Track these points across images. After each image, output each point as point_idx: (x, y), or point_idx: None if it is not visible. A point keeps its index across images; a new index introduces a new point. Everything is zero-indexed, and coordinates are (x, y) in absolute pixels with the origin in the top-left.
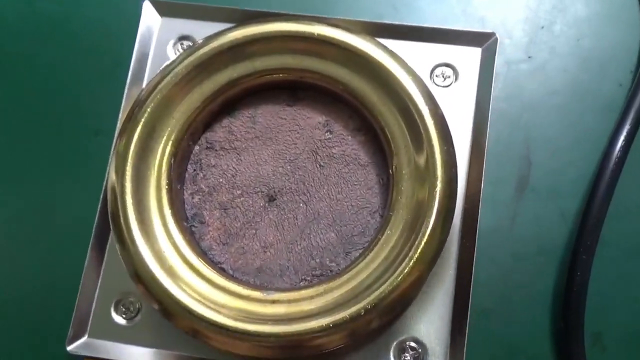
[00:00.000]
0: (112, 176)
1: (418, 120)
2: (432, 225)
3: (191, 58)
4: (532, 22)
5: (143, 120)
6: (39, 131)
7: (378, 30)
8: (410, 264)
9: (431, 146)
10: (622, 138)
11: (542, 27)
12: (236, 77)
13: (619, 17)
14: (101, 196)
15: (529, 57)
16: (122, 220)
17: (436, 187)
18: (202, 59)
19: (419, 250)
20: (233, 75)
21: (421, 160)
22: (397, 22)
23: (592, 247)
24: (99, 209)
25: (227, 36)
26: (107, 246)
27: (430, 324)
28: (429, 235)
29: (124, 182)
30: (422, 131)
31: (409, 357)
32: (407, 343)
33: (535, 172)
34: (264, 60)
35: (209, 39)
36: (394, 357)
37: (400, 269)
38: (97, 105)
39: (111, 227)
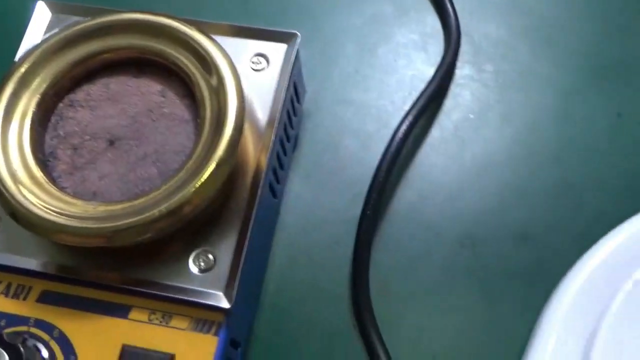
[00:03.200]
0: None
1: (214, 71)
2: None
3: (60, 34)
4: None
5: (17, 74)
6: None
7: (216, 29)
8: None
9: (226, 101)
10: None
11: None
12: (94, 51)
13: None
14: None
15: None
16: None
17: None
18: (68, 36)
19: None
20: (91, 50)
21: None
22: (232, 23)
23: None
24: None
25: (90, 21)
26: None
27: (222, 240)
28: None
29: None
30: (221, 90)
31: (202, 263)
32: (203, 253)
33: (345, 160)
34: (115, 39)
35: (76, 22)
36: (192, 262)
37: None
38: None
39: None
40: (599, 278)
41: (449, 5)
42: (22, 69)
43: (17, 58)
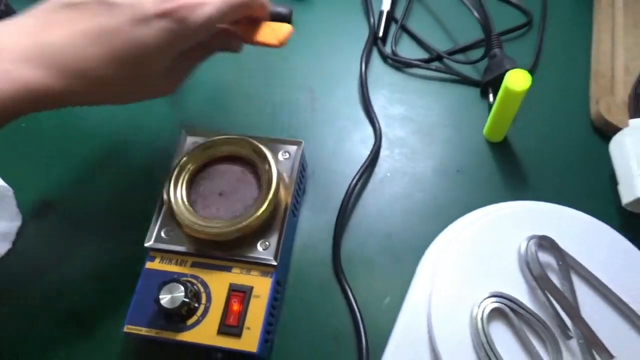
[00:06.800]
0: (165, 186)
1: (268, 165)
2: (265, 206)
3: (199, 147)
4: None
5: (179, 164)
6: (127, 180)
7: (267, 140)
8: (262, 208)
9: (271, 175)
10: (354, 182)
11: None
12: (213, 154)
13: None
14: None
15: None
16: (168, 196)
17: (272, 183)
18: (202, 146)
19: (264, 205)
20: (212, 154)
21: (268, 177)
22: (274, 137)
23: (343, 225)
24: (161, 196)
25: (210, 140)
26: (163, 207)
27: (272, 235)
28: (264, 208)
29: (169, 187)
30: (269, 170)
31: (264, 246)
32: (263, 242)
33: (329, 196)
34: (222, 147)
35: (205, 141)
36: (259, 246)
37: (252, 215)
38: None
39: (164, 199)
40: (433, 257)
41: (376, 123)
42: (181, 163)
43: (174, 162)
